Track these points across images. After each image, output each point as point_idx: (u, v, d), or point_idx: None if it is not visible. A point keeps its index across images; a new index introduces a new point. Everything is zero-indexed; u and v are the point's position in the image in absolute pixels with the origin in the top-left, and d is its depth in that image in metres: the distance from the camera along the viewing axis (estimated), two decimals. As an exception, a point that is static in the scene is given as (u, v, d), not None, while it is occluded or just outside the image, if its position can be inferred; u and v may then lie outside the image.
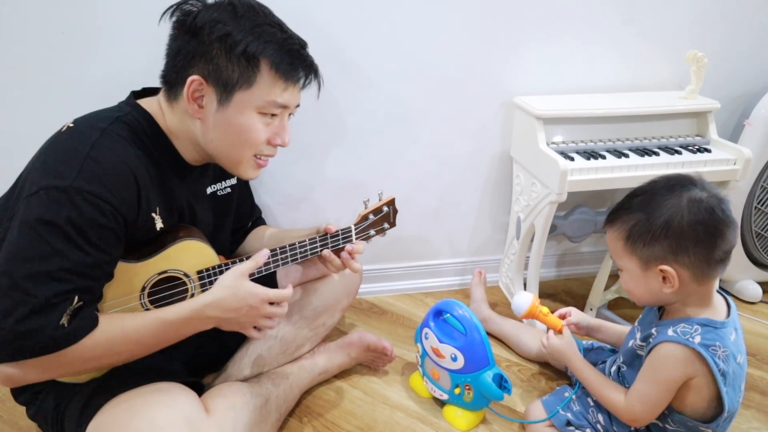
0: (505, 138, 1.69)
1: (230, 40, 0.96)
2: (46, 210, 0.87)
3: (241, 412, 1.09)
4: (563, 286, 1.93)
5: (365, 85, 1.52)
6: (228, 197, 1.27)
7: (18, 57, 1.31)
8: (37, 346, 0.87)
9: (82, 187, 0.88)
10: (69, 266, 0.88)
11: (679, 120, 1.59)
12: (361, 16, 1.44)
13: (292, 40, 1.02)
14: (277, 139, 1.07)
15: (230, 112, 1.00)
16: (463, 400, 1.30)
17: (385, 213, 1.30)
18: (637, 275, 1.06)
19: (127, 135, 0.98)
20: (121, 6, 1.30)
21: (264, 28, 0.99)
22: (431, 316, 1.33)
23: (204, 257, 1.10)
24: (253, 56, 0.97)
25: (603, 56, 1.64)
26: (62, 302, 0.87)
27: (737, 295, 1.85)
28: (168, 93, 1.03)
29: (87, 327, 0.91)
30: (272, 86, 1.01)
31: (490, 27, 1.52)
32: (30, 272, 0.86)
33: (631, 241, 1.04)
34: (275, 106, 1.03)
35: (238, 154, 1.06)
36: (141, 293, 1.04)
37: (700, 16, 1.64)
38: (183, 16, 0.99)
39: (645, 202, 1.04)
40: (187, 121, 1.03)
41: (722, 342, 1.01)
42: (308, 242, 1.21)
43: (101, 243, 0.91)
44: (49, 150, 0.95)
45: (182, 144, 1.07)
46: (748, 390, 1.41)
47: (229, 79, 0.97)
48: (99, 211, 0.89)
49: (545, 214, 1.48)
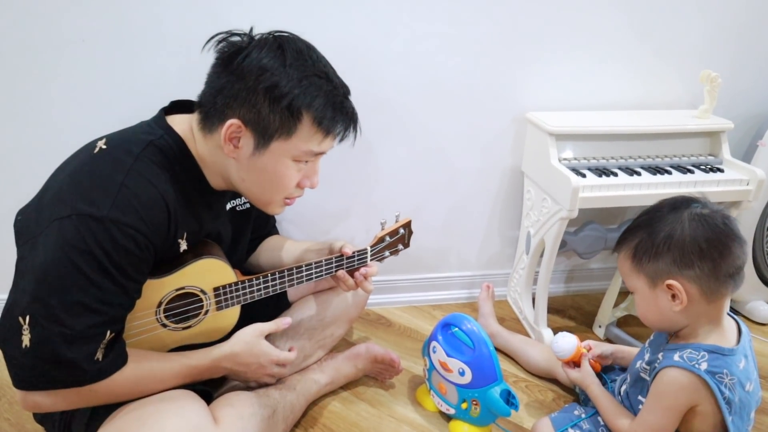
0: (517, 153, 1.69)
1: (277, 92, 0.94)
2: (81, 238, 0.86)
3: (249, 423, 1.09)
4: (572, 302, 1.92)
5: (377, 98, 1.52)
6: (246, 212, 1.27)
7: (40, 65, 1.33)
8: (71, 377, 0.89)
9: (118, 219, 0.87)
10: (104, 298, 0.89)
11: (692, 139, 1.59)
12: (374, 31, 1.45)
13: (336, 91, 1.00)
14: (307, 182, 1.08)
15: (266, 159, 0.99)
16: (469, 415, 1.29)
17: (401, 235, 1.32)
18: (646, 294, 1.06)
19: (159, 161, 0.97)
20: (140, 14, 1.32)
21: (311, 80, 0.96)
22: (439, 329, 1.33)
23: (221, 274, 1.11)
24: (298, 110, 0.96)
25: (616, 73, 1.64)
26: (97, 335, 0.89)
27: (748, 316, 1.83)
28: (203, 123, 1.00)
29: (119, 362, 0.94)
30: (311, 137, 1.00)
31: (504, 42, 1.53)
32: (64, 302, 0.86)
33: (636, 259, 1.05)
34: (311, 154, 1.03)
35: (269, 197, 1.07)
36: (157, 308, 1.05)
37: (714, 35, 1.65)
38: (230, 52, 0.96)
39: (647, 221, 1.05)
40: (219, 155, 1.01)
41: (729, 369, 1.00)
42: (324, 263, 1.22)
43: (134, 273, 0.92)
44: (82, 172, 0.93)
45: (210, 173, 1.05)
46: (759, 413, 1.39)
47: (268, 128, 0.96)
48: (134, 243, 0.90)
49: (555, 229, 1.48)
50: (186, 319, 1.09)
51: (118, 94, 1.38)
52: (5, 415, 1.32)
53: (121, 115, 1.10)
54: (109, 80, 1.37)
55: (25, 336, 0.85)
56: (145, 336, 1.05)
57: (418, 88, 1.54)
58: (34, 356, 0.86)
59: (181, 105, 1.07)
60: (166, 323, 1.07)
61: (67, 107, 1.38)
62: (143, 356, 1.00)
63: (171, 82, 1.07)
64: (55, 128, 1.40)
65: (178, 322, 1.08)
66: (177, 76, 1.05)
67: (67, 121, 1.40)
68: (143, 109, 1.06)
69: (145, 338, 1.05)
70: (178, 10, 1.33)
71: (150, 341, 1.06)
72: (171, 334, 1.09)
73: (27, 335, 0.85)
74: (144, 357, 1.00)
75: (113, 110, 1.38)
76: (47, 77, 1.35)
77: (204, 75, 1.01)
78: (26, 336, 0.85)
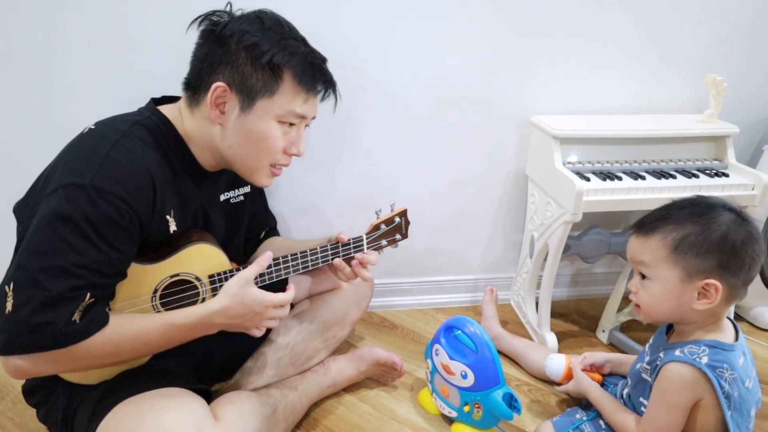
0: (521, 156, 1.69)
1: (257, 50, 0.99)
2: (63, 206, 0.89)
3: (249, 420, 1.09)
4: (575, 307, 1.92)
5: (382, 100, 1.53)
6: (241, 205, 1.28)
7: (43, 65, 1.34)
8: (48, 340, 0.88)
9: (101, 186, 0.90)
10: (83, 262, 0.89)
11: (697, 143, 1.59)
12: (377, 35, 1.46)
13: (314, 54, 1.07)
14: (293, 148, 1.11)
15: (251, 119, 1.03)
16: (472, 418, 1.29)
17: (397, 224, 1.30)
18: (672, 285, 1.03)
19: (146, 138, 1.01)
20: (144, 16, 1.33)
21: (289, 42, 1.03)
22: (442, 332, 1.32)
23: (216, 261, 1.11)
24: (278, 66, 1.01)
25: (621, 77, 1.64)
26: (75, 297, 0.89)
27: (752, 322, 1.82)
28: (190, 98, 1.06)
29: (98, 324, 0.93)
30: (293, 96, 1.04)
31: (509, 46, 1.53)
32: (44, 266, 0.87)
33: (679, 250, 1.01)
34: (294, 115, 1.06)
35: (256, 161, 1.09)
36: (153, 295, 1.05)
37: (720, 39, 1.64)
38: (211, 26, 1.03)
39: (697, 214, 1.02)
40: (206, 126, 1.06)
41: (730, 364, 1.00)
42: (320, 250, 1.21)
43: (116, 241, 0.93)
44: (70, 150, 0.97)
45: (199, 149, 1.09)
46: (762, 419, 1.39)
47: (252, 87, 1.01)
48: (115, 210, 0.91)
49: (559, 233, 1.48)
50: (182, 307, 1.08)
51: (122, 95, 1.37)
52: (8, 414, 1.33)
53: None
54: (114, 82, 1.37)
55: (9, 302, 0.87)
56: None
57: (422, 92, 1.55)
58: (14, 320, 0.86)
59: (170, 99, 1.12)
60: (162, 310, 1.07)
61: (69, 108, 1.38)
62: (125, 317, 0.98)
63: (175, 84, 1.09)
64: (58, 129, 1.38)
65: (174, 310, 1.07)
66: (181, 78, 1.06)
67: (69, 121, 1.38)
68: (148, 110, 1.07)
69: None
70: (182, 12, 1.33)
71: None
72: None
73: (10, 301, 0.87)
74: (126, 318, 0.98)
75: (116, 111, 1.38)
76: (52, 78, 1.35)
77: None
78: (9, 302, 0.87)
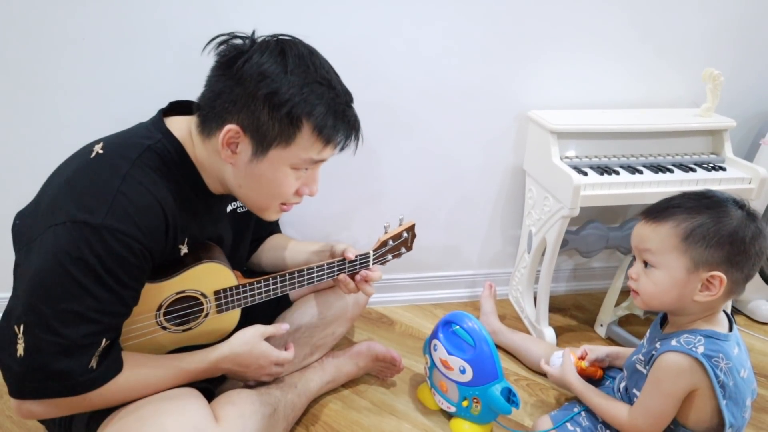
0: (518, 151, 1.69)
1: (276, 98, 0.91)
2: (75, 246, 0.84)
3: (250, 421, 1.09)
4: (573, 301, 1.92)
5: (378, 97, 1.52)
6: (247, 214, 1.26)
7: (40, 63, 1.33)
8: (65, 388, 0.87)
9: (114, 226, 0.86)
10: (99, 307, 0.87)
11: (695, 137, 1.59)
12: (375, 30, 1.45)
13: (338, 99, 0.97)
14: (306, 189, 1.05)
15: (263, 166, 0.97)
16: (470, 413, 1.29)
17: (404, 239, 1.31)
18: (676, 274, 1.03)
19: (156, 166, 0.95)
20: (143, 14, 1.32)
21: (313, 87, 0.93)
22: (440, 327, 1.33)
23: (222, 278, 1.10)
24: (297, 117, 0.93)
25: (618, 72, 1.64)
26: (92, 344, 0.88)
27: (750, 315, 1.83)
28: (202, 127, 0.98)
29: (114, 371, 0.92)
30: (311, 146, 0.97)
31: (506, 41, 1.53)
32: (58, 310, 0.84)
33: (690, 240, 1.01)
34: (310, 162, 1.00)
35: (266, 203, 1.05)
36: (157, 312, 1.04)
37: (717, 33, 1.64)
38: (231, 55, 0.94)
39: (711, 206, 1.03)
40: (217, 159, 0.99)
41: (725, 354, 1.01)
42: (326, 267, 1.21)
43: (129, 279, 0.90)
44: (78, 176, 0.91)
45: (209, 177, 1.04)
46: (759, 411, 1.39)
47: (267, 135, 0.94)
48: (129, 250, 0.88)
49: (557, 228, 1.48)
50: (186, 322, 1.09)
51: (119, 93, 1.38)
52: (7, 413, 1.33)
53: (121, 115, 1.10)
54: (110, 79, 1.37)
55: (20, 345, 0.84)
56: (144, 339, 1.05)
57: (419, 87, 1.54)
58: (27, 365, 0.84)
59: (179, 105, 1.06)
60: (166, 326, 1.06)
61: (66, 106, 1.38)
62: (138, 362, 0.98)
63: (172, 82, 1.07)
64: (54, 127, 1.41)
65: (178, 325, 1.08)
66: (178, 75, 1.04)
67: (67, 120, 1.40)
68: (143, 109, 1.06)
69: (144, 341, 1.05)
70: (179, 9, 1.33)
71: (148, 343, 1.06)
72: (170, 335, 1.08)
73: (21, 344, 0.84)
74: (139, 363, 0.98)
75: (113, 110, 1.38)
76: (47, 76, 1.35)
77: (205, 75, 1.00)
78: (20, 345, 0.84)
